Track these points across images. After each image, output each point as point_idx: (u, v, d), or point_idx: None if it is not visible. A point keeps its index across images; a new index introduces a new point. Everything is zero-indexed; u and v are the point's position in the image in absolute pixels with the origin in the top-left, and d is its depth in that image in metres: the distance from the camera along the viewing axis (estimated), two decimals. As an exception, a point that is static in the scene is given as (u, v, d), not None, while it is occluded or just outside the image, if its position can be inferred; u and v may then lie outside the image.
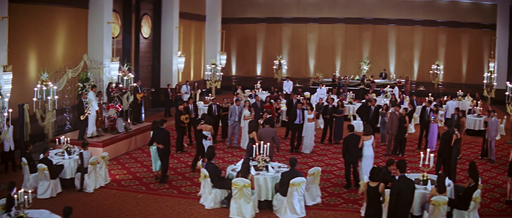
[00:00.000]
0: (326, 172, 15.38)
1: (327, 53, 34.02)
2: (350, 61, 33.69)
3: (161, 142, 13.63)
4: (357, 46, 33.69)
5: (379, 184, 9.77)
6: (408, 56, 33.30)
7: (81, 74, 17.64)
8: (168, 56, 26.51)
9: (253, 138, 13.91)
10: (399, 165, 10.11)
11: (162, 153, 13.73)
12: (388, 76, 31.96)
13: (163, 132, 13.77)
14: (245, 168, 11.59)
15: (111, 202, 12.54)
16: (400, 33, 33.18)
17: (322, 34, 34.03)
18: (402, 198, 9.65)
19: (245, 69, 35.27)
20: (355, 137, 13.80)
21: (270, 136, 13.96)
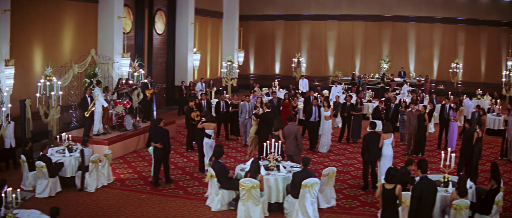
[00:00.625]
0: (342, 172, 14.39)
1: (347, 51, 33.00)
2: (370, 59, 32.67)
3: (159, 142, 12.68)
4: (377, 44, 32.62)
5: (395, 186, 8.79)
6: (428, 54, 32.17)
7: (88, 70, 16.87)
8: (183, 53, 25.66)
9: (278, 135, 13.18)
10: (420, 165, 9.05)
11: (162, 153, 12.75)
12: (407, 75, 30.87)
13: (161, 131, 12.83)
14: (254, 167, 10.64)
15: (111, 203, 11.70)
16: (419, 30, 32.07)
17: (342, 32, 33.00)
18: (423, 202, 8.61)
19: (263, 67, 34.34)
20: (375, 135, 12.82)
21: (293, 134, 13.12)
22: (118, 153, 15.33)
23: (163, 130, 12.90)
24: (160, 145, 12.60)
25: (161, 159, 12.79)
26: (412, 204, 8.64)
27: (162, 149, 12.67)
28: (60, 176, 12.67)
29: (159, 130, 12.85)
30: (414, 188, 8.75)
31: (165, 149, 12.74)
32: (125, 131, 16.28)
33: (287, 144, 13.14)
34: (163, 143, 12.63)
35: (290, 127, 13.38)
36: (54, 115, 15.42)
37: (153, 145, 12.68)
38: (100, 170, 12.91)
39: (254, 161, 10.79)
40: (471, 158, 13.20)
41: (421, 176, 8.89)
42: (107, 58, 18.21)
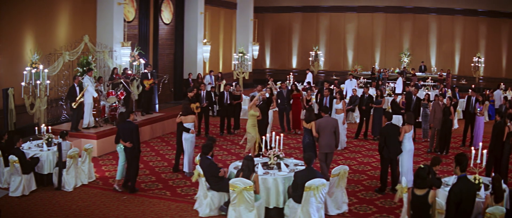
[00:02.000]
0: (357, 172, 12.46)
1: (366, 44, 31.06)
2: (390, 52, 30.71)
3: (127, 140, 10.58)
4: (397, 37, 30.66)
5: (428, 192, 6.89)
6: (449, 48, 30.09)
7: (81, 58, 15.19)
8: (192, 45, 23.83)
9: (310, 129, 11.09)
10: (460, 161, 7.04)
11: (130, 153, 10.59)
12: (428, 69, 29.00)
13: (130, 126, 10.56)
14: (248, 165, 8.78)
15: (87, 204, 9.96)
16: (441, 23, 30.00)
17: (361, 24, 31.05)
18: (462, 209, 6.66)
19: (280, 61, 32.45)
20: (394, 127, 10.89)
21: (331, 127, 11.10)
22: (109, 148, 13.61)
23: (131, 125, 10.60)
24: (130, 144, 10.48)
25: (129, 161, 10.63)
26: (450, 211, 6.69)
27: (130, 149, 10.52)
28: (36, 173, 11.07)
29: (128, 125, 10.60)
30: (453, 191, 6.77)
31: (133, 149, 10.52)
32: (118, 124, 14.58)
33: (322, 140, 11.02)
34: (132, 141, 10.50)
35: (326, 119, 11.31)
36: (41, 106, 13.79)
37: (122, 144, 10.65)
38: (80, 166, 11.20)
39: (247, 157, 8.93)
40: (501, 156, 11.30)
41: (460, 176, 6.92)
42: (103, 46, 16.52)
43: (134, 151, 10.50)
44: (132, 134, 10.46)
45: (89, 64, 15.04)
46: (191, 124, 11.73)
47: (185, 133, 11.69)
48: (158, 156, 13.68)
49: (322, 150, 11.09)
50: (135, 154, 10.57)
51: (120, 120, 11.10)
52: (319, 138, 11.04)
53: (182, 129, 11.73)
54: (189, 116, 11.75)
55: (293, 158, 10.73)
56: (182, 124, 11.72)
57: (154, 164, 12.91)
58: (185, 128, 11.68)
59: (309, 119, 11.25)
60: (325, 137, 11.02)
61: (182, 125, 11.74)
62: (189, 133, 11.67)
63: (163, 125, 16.24)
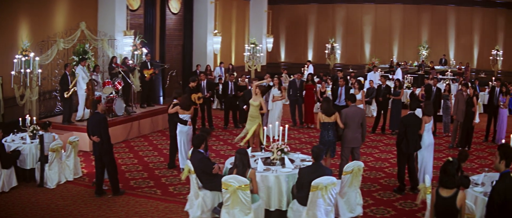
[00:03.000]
0: (374, 169, 11.07)
1: (384, 36, 29.37)
2: (408, 45, 29.00)
3: (96, 133, 9.05)
4: (416, 29, 28.94)
5: (456, 193, 5.54)
6: (468, 41, 28.32)
7: (77, 46, 13.98)
8: (202, 36, 22.43)
9: (333, 123, 9.59)
10: (506, 153, 5.47)
11: (99, 149, 9.03)
12: (448, 63, 27.36)
13: (97, 117, 9.07)
14: (242, 159, 7.44)
15: (67, 203, 8.74)
16: (459, 14, 28.22)
17: (379, 16, 29.39)
18: (506, 210, 5.23)
19: (295, 54, 30.94)
20: (416, 118, 9.50)
21: (360, 118, 9.69)
22: (103, 142, 12.42)
23: (100, 117, 9.06)
24: (97, 139, 8.98)
25: (100, 158, 9.09)
26: (492, 215, 5.28)
27: (98, 145, 9.04)
28: (19, 168, 9.90)
29: (95, 117, 9.11)
30: (496, 190, 5.31)
31: (101, 144, 8.98)
32: (115, 116, 13.33)
33: (349, 132, 9.58)
34: (100, 135, 8.97)
35: (354, 109, 9.79)
36: (31, 96, 12.63)
37: (91, 138, 9.13)
38: (64, 161, 9.99)
39: (241, 151, 7.59)
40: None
41: (504, 172, 5.47)
42: (102, 33, 15.30)
43: (103, 146, 9.02)
44: (99, 127, 8.97)
45: (86, 53, 13.82)
46: (188, 116, 10.44)
47: (181, 125, 10.41)
48: (155, 151, 12.41)
49: (347, 145, 9.63)
50: (105, 150, 9.03)
51: (90, 112, 9.59)
52: (344, 131, 9.61)
53: (178, 121, 10.45)
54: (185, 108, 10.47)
55: (300, 153, 9.34)
56: (178, 115, 10.45)
57: (149, 159, 11.65)
58: (181, 120, 10.40)
59: (330, 111, 9.71)
60: (353, 129, 9.60)
61: (177, 116, 10.46)
62: (186, 125, 10.39)
63: (164, 118, 14.79)
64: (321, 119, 9.66)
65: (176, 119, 10.47)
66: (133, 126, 13.67)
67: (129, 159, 11.62)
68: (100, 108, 9.19)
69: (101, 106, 9.25)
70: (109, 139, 9.05)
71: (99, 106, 9.18)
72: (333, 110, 9.70)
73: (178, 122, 10.43)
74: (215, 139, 13.79)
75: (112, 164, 9.11)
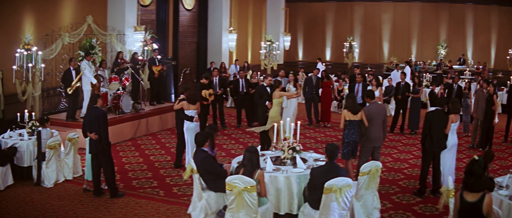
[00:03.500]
0: (392, 170, 10.30)
1: (402, 35, 28.50)
2: (427, 44, 28.09)
3: (94, 130, 8.38)
4: (434, 28, 28.02)
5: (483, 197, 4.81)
6: (486, 40, 27.32)
7: (83, 40, 13.41)
8: (217, 33, 21.75)
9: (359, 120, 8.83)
10: None
11: (95, 147, 8.35)
12: (466, 62, 26.55)
13: (96, 113, 8.37)
14: (251, 158, 6.74)
15: (64, 203, 8.14)
16: (477, 13, 27.23)
17: (397, 14, 28.53)
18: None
19: (313, 53, 30.06)
20: (442, 114, 8.72)
21: (382, 116, 9.13)
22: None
23: (99, 112, 8.38)
24: (95, 136, 8.32)
25: (97, 157, 8.42)
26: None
27: (95, 142, 8.34)
28: (16, 165, 9.35)
29: (94, 112, 8.41)
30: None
31: (99, 141, 8.29)
32: (121, 113, 12.73)
33: (372, 131, 8.91)
34: (99, 132, 8.26)
35: (376, 106, 9.18)
36: (34, 92, 12.09)
37: (89, 135, 8.38)
38: (63, 159, 9.40)
39: (250, 149, 6.88)
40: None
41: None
42: (111, 28, 14.72)
43: (101, 144, 8.32)
44: (98, 123, 8.30)
45: (93, 48, 13.26)
46: (194, 112, 9.77)
47: (187, 122, 9.75)
48: (162, 149, 11.77)
49: (369, 144, 8.95)
50: (103, 148, 8.35)
51: (89, 105, 8.89)
52: (367, 129, 8.90)
53: (184, 118, 9.79)
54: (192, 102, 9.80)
55: (313, 151, 8.59)
56: (183, 111, 9.79)
57: (155, 158, 10.99)
58: (187, 116, 9.74)
59: (357, 108, 8.89)
60: (376, 128, 8.93)
61: (182, 112, 9.79)
62: (193, 121, 9.72)
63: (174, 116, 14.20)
64: (346, 116, 8.86)
65: (182, 116, 9.80)
66: (141, 123, 13.05)
67: (134, 157, 10.99)
68: (100, 102, 8.54)
69: (101, 100, 8.61)
70: (108, 137, 8.40)
71: (99, 101, 8.53)
72: (359, 107, 8.95)
73: (184, 119, 9.78)
74: (226, 138, 13.13)
75: (109, 164, 8.43)
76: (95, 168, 8.48)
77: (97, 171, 8.49)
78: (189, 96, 9.72)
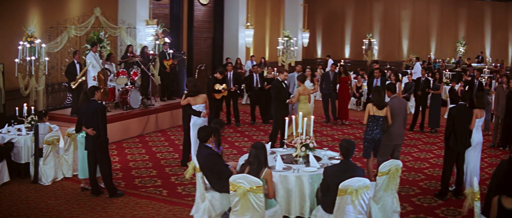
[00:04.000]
0: (413, 170, 9.54)
1: (422, 32, 27.65)
2: (446, 42, 27.22)
3: (90, 125, 7.68)
4: (453, 25, 27.14)
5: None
6: (503, 37, 26.40)
7: (91, 33, 12.85)
8: (233, 28, 21.10)
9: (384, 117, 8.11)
10: None
11: (93, 143, 7.68)
12: (484, 60, 25.78)
13: (94, 106, 7.68)
14: (258, 155, 6.04)
15: (59, 202, 7.54)
16: (495, 9, 26.30)
17: (416, 11, 27.67)
18: None
19: (332, 50, 29.25)
20: (466, 110, 7.95)
21: (405, 111, 8.52)
22: (115, 136, 11.21)
23: (97, 105, 7.69)
24: (93, 131, 7.67)
25: (93, 154, 7.80)
26: None
27: (92, 139, 7.71)
28: (13, 162, 8.81)
29: (92, 105, 7.70)
30: None
31: (97, 138, 7.65)
32: (129, 109, 12.16)
33: (394, 128, 8.24)
34: (95, 128, 7.63)
35: (398, 100, 8.52)
36: (37, 86, 11.58)
37: (84, 130, 7.80)
38: (62, 155, 8.82)
39: (257, 145, 6.15)
40: None
41: None
42: (121, 22, 14.15)
43: (99, 140, 7.64)
44: (96, 117, 7.64)
45: (101, 41, 12.70)
46: (202, 106, 9.11)
47: (194, 117, 9.11)
48: (171, 146, 11.11)
49: (391, 142, 8.25)
50: (100, 144, 7.67)
51: (83, 99, 8.10)
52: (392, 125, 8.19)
53: (191, 113, 9.16)
54: (199, 96, 9.15)
55: (327, 149, 7.85)
56: (191, 106, 9.16)
57: (162, 155, 10.34)
58: (195, 111, 9.10)
59: (383, 102, 8.11)
60: (398, 124, 8.27)
61: (190, 107, 9.16)
62: (200, 116, 9.08)
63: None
64: (371, 111, 8.12)
65: (189, 111, 9.15)
66: (150, 120, 12.44)
67: (139, 154, 10.36)
68: (98, 95, 7.91)
69: (99, 93, 7.99)
70: (106, 133, 7.76)
71: (97, 94, 7.87)
72: (385, 102, 8.19)
73: (191, 114, 9.15)
74: (239, 135, 12.46)
75: (106, 162, 7.79)
76: (92, 166, 7.87)
77: (93, 169, 7.88)
78: (190, 88, 9.08)
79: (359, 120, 14.62)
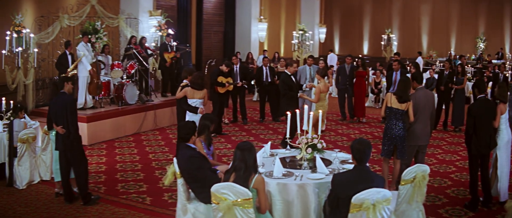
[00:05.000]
0: (438, 174, 8.21)
1: (441, 28, 26.16)
2: (466, 38, 25.78)
3: (60, 121, 6.48)
4: (473, 21, 25.65)
5: None
6: None
7: (86, 24, 11.73)
8: (245, 22, 19.81)
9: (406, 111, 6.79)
10: None
11: (62, 143, 6.52)
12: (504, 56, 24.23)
13: (63, 100, 6.49)
14: (246, 157, 4.68)
15: (28, 210, 6.42)
16: None
17: (436, 5, 26.19)
18: None
19: (350, 47, 27.86)
20: (489, 104, 6.61)
21: (431, 106, 7.07)
22: (106, 135, 10.06)
23: (65, 98, 6.49)
24: (62, 130, 6.50)
25: (65, 155, 6.63)
26: None
27: (62, 137, 6.54)
28: (-15, 162, 7.72)
29: (61, 99, 6.52)
30: None
31: (67, 136, 6.47)
32: (125, 105, 11.00)
33: (419, 125, 6.90)
34: (64, 124, 6.46)
35: (425, 92, 7.09)
36: (25, 80, 10.49)
37: (55, 128, 6.56)
38: (39, 155, 7.69)
39: (243, 146, 4.75)
40: None
41: None
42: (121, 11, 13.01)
43: (69, 139, 6.47)
44: (65, 113, 6.44)
45: (97, 32, 11.59)
46: (200, 101, 7.92)
47: (190, 114, 7.91)
48: (167, 146, 9.88)
49: (414, 142, 6.92)
50: (71, 144, 6.50)
51: (53, 92, 7.06)
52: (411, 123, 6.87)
53: (187, 108, 7.96)
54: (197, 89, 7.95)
55: (340, 151, 6.53)
56: (186, 100, 7.96)
57: (155, 156, 9.12)
58: (191, 107, 7.90)
59: (407, 95, 6.76)
60: (423, 121, 6.92)
61: (185, 101, 7.97)
62: (198, 113, 7.87)
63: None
64: (389, 102, 6.84)
65: (185, 106, 7.97)
66: (148, 117, 11.23)
67: (130, 155, 9.16)
68: (68, 87, 6.66)
69: (69, 85, 6.78)
70: (77, 130, 6.58)
71: (67, 85, 6.64)
72: (408, 97, 6.83)
73: (187, 109, 7.96)
74: (245, 133, 11.22)
75: (79, 163, 6.60)
76: (64, 168, 6.69)
77: (66, 171, 6.69)
78: (193, 79, 7.90)
79: (377, 118, 13.30)
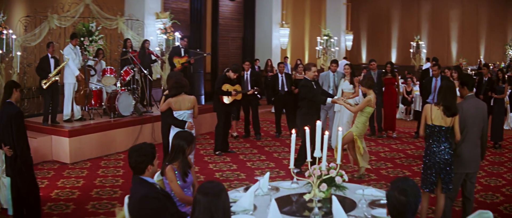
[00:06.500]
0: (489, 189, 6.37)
1: (471, 34, 24.23)
2: (495, 44, 23.84)
3: (6, 139, 5.04)
4: (502, 27, 23.65)
5: None
6: None
7: (78, 25, 10.15)
8: (266, 27, 18.01)
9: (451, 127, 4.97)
10: None
11: (11, 166, 5.12)
12: None
13: (8, 112, 5.04)
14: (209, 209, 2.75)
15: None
16: None
17: (465, 11, 24.23)
18: None
19: (378, 54, 25.73)
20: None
21: (482, 120, 5.17)
22: (92, 152, 8.42)
23: (11, 110, 5.07)
24: (9, 151, 5.05)
25: (15, 181, 5.16)
26: None
27: (10, 160, 5.11)
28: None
29: (6, 110, 5.07)
30: None
31: (14, 158, 5.07)
32: (118, 117, 9.34)
33: (466, 146, 5.07)
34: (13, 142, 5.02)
35: (475, 103, 5.26)
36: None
37: (3, 148, 5.15)
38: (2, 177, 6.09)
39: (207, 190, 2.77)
40: None
41: None
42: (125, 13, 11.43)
43: (16, 162, 5.07)
44: (9, 128, 4.98)
45: (91, 34, 9.99)
46: (188, 113, 6.22)
47: (176, 129, 6.20)
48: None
49: (461, 169, 5.07)
50: (19, 169, 5.09)
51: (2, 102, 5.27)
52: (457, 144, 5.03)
53: (171, 123, 6.27)
54: (184, 97, 6.25)
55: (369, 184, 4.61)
56: (171, 113, 6.26)
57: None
58: (176, 121, 6.19)
59: (454, 106, 4.90)
60: (471, 140, 5.09)
61: (170, 114, 6.27)
62: (186, 128, 6.14)
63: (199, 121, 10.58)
64: (429, 117, 4.97)
65: (169, 120, 6.27)
66: (144, 131, 9.47)
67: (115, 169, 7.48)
68: (16, 95, 5.11)
69: (18, 93, 5.16)
70: (25, 150, 5.06)
71: (15, 93, 5.11)
72: (457, 108, 4.94)
73: (172, 124, 6.25)
74: (256, 151, 9.38)
75: (28, 189, 5.13)
76: (15, 198, 5.10)
77: (17, 201, 5.11)
78: (168, 84, 6.24)
79: (409, 132, 11.34)
